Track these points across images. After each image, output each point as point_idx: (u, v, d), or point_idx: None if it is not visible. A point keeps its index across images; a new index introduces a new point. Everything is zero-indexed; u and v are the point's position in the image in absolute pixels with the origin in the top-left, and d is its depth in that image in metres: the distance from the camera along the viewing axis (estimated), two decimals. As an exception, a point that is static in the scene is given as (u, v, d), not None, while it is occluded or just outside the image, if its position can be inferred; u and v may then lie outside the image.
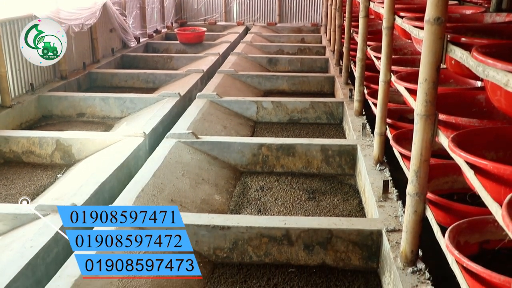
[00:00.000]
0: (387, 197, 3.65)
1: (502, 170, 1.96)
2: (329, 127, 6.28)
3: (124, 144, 4.90)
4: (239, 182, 4.73)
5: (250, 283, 3.18)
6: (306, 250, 3.32)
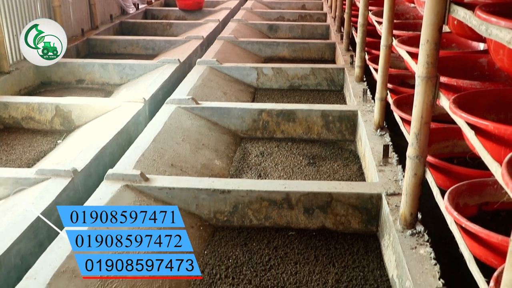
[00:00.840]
0: (387, 162, 3.66)
1: (503, 130, 1.96)
2: (329, 94, 6.26)
3: (124, 110, 4.88)
4: (239, 148, 4.74)
5: (251, 245, 3.21)
6: (306, 214, 3.34)
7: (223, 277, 2.90)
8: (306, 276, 2.91)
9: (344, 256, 3.12)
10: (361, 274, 2.94)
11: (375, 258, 3.10)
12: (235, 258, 3.08)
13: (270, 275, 2.92)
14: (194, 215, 3.38)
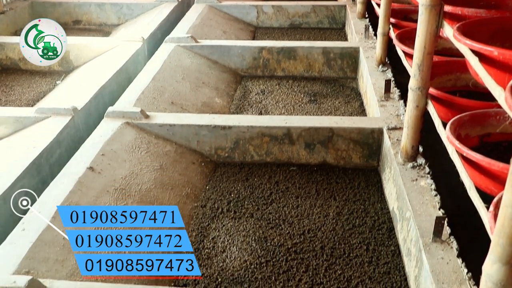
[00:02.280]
0: (388, 97, 3.63)
1: (508, 56, 1.92)
2: (331, 32, 6.15)
3: (123, 49, 4.81)
4: (240, 86, 4.70)
5: (252, 181, 3.23)
6: (307, 149, 3.35)
7: (225, 211, 2.94)
8: (307, 210, 2.94)
9: (345, 190, 3.15)
10: (362, 207, 2.97)
11: (375, 192, 3.13)
12: (236, 193, 3.10)
13: (272, 209, 2.95)
14: (195, 152, 3.38)
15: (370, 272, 2.49)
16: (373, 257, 2.58)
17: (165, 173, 3.09)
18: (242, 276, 2.45)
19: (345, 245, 2.66)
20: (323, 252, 2.61)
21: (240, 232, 2.75)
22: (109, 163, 2.93)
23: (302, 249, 2.63)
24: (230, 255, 2.58)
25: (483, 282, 1.50)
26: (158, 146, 3.27)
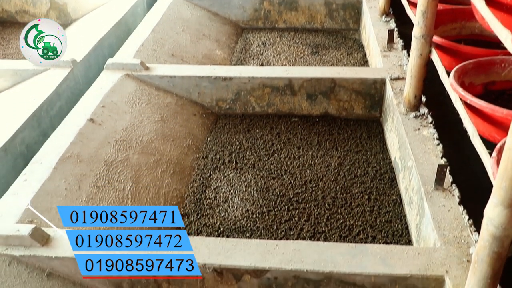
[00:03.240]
0: (392, 47, 3.57)
1: (515, -2, 1.87)
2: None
3: (121, 1, 4.72)
4: (241, 38, 4.63)
5: (253, 132, 3.21)
6: (309, 100, 3.32)
7: (227, 162, 2.93)
8: (309, 160, 2.94)
9: (347, 141, 3.14)
10: (363, 158, 2.97)
11: (378, 142, 3.12)
12: (238, 144, 3.10)
13: (273, 160, 2.95)
14: (196, 103, 3.36)
15: (371, 221, 2.50)
16: (374, 206, 2.59)
17: (166, 124, 3.07)
18: (244, 225, 2.47)
19: (346, 195, 2.67)
20: (324, 201, 2.62)
21: (242, 183, 2.75)
22: (109, 115, 2.91)
23: (304, 199, 2.63)
24: (232, 205, 2.59)
25: (485, 226, 1.50)
26: (158, 98, 3.24)
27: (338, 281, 1.89)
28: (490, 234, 1.48)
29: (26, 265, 2.00)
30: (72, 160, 2.51)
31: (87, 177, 2.48)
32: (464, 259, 1.89)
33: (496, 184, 1.42)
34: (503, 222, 1.43)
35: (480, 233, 1.53)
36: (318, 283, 1.90)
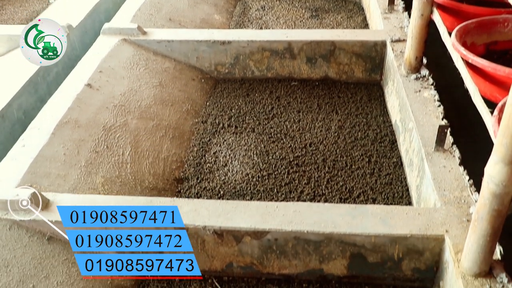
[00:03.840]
0: (392, 9, 3.51)
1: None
2: None
3: (117, -35, 4.62)
4: (239, 2, 4.56)
5: (253, 96, 3.19)
6: (309, 63, 3.28)
7: (226, 126, 2.91)
8: (309, 123, 2.92)
9: (347, 104, 3.11)
10: (364, 121, 2.95)
11: (378, 105, 3.09)
12: (237, 108, 3.07)
13: (273, 123, 2.93)
14: (195, 68, 3.32)
15: (372, 183, 2.50)
16: (375, 169, 2.58)
17: (164, 89, 3.04)
18: (244, 188, 2.47)
19: (347, 158, 2.65)
20: (325, 164, 2.61)
21: (242, 147, 2.74)
22: (107, 80, 2.88)
23: (304, 162, 2.62)
24: (232, 169, 2.59)
25: (485, 184, 1.49)
26: (156, 63, 3.20)
27: (339, 242, 1.89)
28: (491, 192, 1.47)
29: (27, 229, 2.00)
30: (70, 125, 2.49)
31: (86, 142, 2.47)
32: (464, 218, 1.88)
33: (497, 141, 1.41)
34: (503, 179, 1.42)
35: (480, 191, 1.53)
36: (318, 244, 1.90)
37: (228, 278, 2.07)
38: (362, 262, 1.95)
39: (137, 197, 2.12)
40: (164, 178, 2.52)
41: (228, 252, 1.98)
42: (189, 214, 1.94)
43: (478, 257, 1.64)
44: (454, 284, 1.74)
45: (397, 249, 1.89)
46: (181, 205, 1.98)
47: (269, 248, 1.94)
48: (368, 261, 1.94)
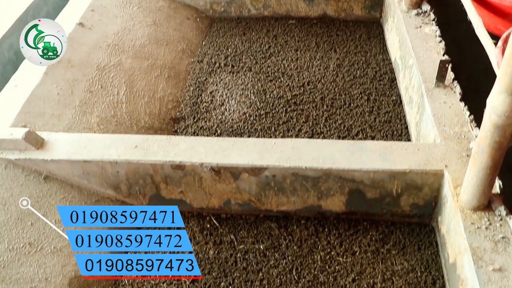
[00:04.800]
0: None
1: None
2: None
3: None
4: None
5: (249, 35, 3.11)
6: (307, 1, 3.19)
7: (223, 66, 2.86)
8: (307, 62, 2.86)
9: (346, 43, 3.04)
10: (363, 59, 2.89)
11: (377, 44, 3.02)
12: (234, 48, 3.01)
13: (271, 62, 2.87)
14: (190, 7, 3.23)
15: (370, 121, 2.47)
16: (374, 107, 2.55)
17: (159, 28, 2.97)
18: (241, 127, 2.44)
19: (345, 96, 2.62)
20: (323, 103, 2.57)
21: (239, 86, 2.69)
22: (99, 19, 2.80)
23: (302, 101, 2.59)
24: (229, 108, 2.55)
25: (487, 115, 1.46)
26: (150, 1, 3.11)
27: (337, 178, 1.88)
28: (492, 123, 1.44)
29: (23, 168, 1.98)
30: (63, 65, 2.43)
31: (80, 82, 2.42)
32: (464, 153, 1.87)
33: (500, 71, 1.37)
34: (506, 110, 1.38)
35: (482, 123, 1.50)
36: (316, 180, 1.89)
37: (226, 216, 2.07)
38: (360, 198, 1.94)
39: (132, 135, 2.09)
40: (160, 118, 2.49)
41: (225, 189, 1.97)
42: (186, 151, 1.91)
43: (477, 191, 1.62)
44: (452, 218, 1.74)
45: (396, 184, 1.88)
46: (178, 143, 1.95)
47: (267, 184, 1.93)
48: (367, 197, 1.93)
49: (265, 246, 1.94)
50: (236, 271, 1.87)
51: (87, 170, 1.98)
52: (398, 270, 1.85)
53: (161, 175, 1.96)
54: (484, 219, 1.64)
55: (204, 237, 1.99)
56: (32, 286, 1.73)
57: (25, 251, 1.81)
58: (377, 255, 1.90)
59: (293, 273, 1.85)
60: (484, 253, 1.55)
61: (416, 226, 2.00)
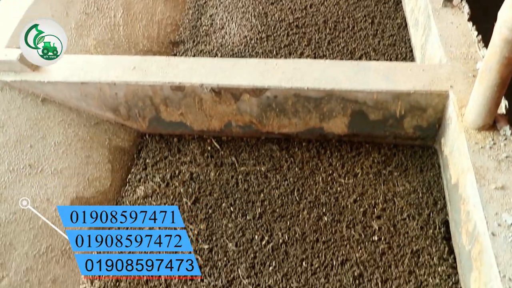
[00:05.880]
0: None
1: None
2: None
3: None
4: None
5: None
6: None
7: (223, -12, 2.76)
8: (310, -16, 2.76)
9: (350, -36, 2.93)
10: (367, -19, 2.78)
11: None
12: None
13: (272, -15, 2.77)
14: None
15: (374, 44, 2.40)
16: (378, 30, 2.48)
17: (155, -51, 2.84)
18: (242, 51, 2.38)
19: (349, 19, 2.54)
20: (326, 26, 2.50)
21: (239, 9, 2.61)
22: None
23: (304, 24, 2.51)
24: (229, 32, 2.48)
25: (497, 30, 1.41)
26: None
27: (340, 99, 1.84)
28: (503, 38, 1.39)
29: (19, 90, 1.95)
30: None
31: (74, 3, 2.33)
32: (470, 74, 1.82)
33: (514, -19, 1.31)
34: (518, 23, 1.33)
35: (491, 39, 1.45)
36: (319, 100, 1.85)
37: (227, 138, 2.05)
38: (363, 120, 1.91)
39: (130, 56, 2.04)
40: (159, 41, 2.43)
41: (226, 111, 1.94)
42: (186, 72, 1.87)
43: (483, 110, 1.59)
44: (456, 139, 1.71)
45: (400, 106, 1.85)
46: (177, 63, 1.91)
47: (269, 106, 1.89)
48: (370, 118, 1.90)
49: (267, 168, 1.94)
50: (237, 192, 1.87)
51: (85, 92, 1.94)
52: (400, 191, 1.85)
53: (160, 96, 1.92)
54: (488, 139, 1.62)
55: (205, 159, 1.98)
56: (34, 207, 1.73)
57: (25, 173, 1.80)
58: (379, 176, 1.90)
59: (295, 194, 1.85)
60: (487, 172, 1.54)
61: (418, 149, 1.99)
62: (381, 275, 1.63)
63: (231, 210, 1.82)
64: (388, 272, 1.64)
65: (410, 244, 1.70)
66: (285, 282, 1.63)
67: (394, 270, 1.65)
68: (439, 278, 1.62)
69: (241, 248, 1.72)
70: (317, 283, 1.62)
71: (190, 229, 1.78)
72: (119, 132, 2.08)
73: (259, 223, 1.78)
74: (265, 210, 1.81)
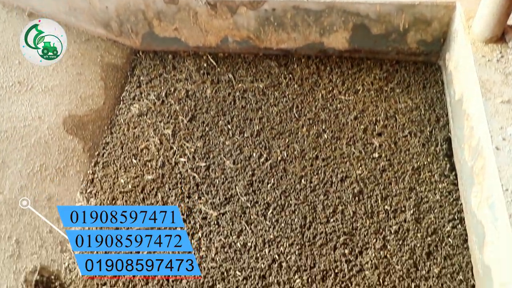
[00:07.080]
0: None
1: None
2: None
3: None
4: None
5: None
6: None
7: None
8: None
9: None
10: None
11: None
12: None
13: None
14: None
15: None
16: None
17: None
18: (238, -37, 2.25)
19: None
20: None
21: None
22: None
23: None
24: None
25: None
26: None
27: (341, 11, 1.75)
28: None
29: (3, 4, 1.86)
30: None
31: None
32: (479, -16, 1.72)
33: None
34: None
35: None
36: (319, 14, 1.76)
37: (223, 55, 1.98)
38: (365, 34, 1.83)
39: None
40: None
41: (222, 25, 1.85)
42: (179, -17, 1.77)
43: (492, 20, 1.52)
44: (462, 51, 1.65)
45: (403, 18, 1.77)
46: (170, -26, 1.80)
47: (266, 19, 1.81)
48: (372, 33, 1.83)
49: (265, 85, 1.87)
50: (234, 110, 1.82)
51: (73, 6, 1.85)
52: (402, 108, 1.80)
53: (153, 10, 1.83)
54: (496, 52, 1.56)
55: (201, 76, 1.92)
56: (26, 124, 1.69)
57: (15, 90, 1.74)
58: (380, 93, 1.84)
59: (294, 111, 1.80)
60: (494, 86, 1.48)
61: (422, 65, 1.92)
62: (381, 191, 1.61)
63: (229, 128, 1.78)
64: (388, 189, 1.62)
65: (411, 161, 1.68)
66: (283, 199, 1.61)
67: (394, 187, 1.63)
68: (440, 195, 1.60)
69: (238, 165, 1.69)
70: (316, 200, 1.60)
71: (186, 147, 1.74)
72: (112, 49, 2.00)
73: (257, 141, 1.74)
74: (263, 127, 1.77)
